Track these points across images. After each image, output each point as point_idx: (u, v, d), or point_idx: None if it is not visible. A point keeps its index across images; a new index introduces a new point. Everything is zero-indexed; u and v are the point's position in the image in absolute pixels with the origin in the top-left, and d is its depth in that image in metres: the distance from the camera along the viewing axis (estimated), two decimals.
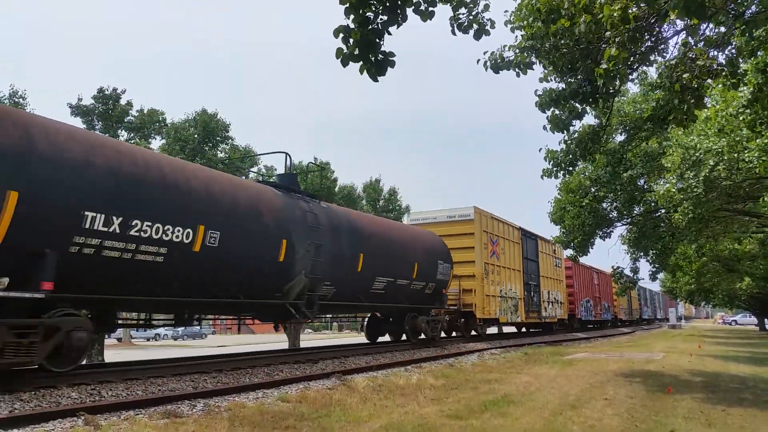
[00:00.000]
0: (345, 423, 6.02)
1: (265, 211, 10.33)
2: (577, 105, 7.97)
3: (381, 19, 4.31)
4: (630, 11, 6.05)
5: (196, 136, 21.04)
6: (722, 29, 7.13)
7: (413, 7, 4.48)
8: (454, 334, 20.02)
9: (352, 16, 4.26)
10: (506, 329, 24.97)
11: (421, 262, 15.38)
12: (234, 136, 23.80)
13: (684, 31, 7.17)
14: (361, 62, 4.38)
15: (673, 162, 13.33)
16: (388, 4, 4.20)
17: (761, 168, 10.41)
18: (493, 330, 22.96)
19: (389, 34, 4.35)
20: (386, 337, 17.35)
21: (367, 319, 17.04)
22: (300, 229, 11.09)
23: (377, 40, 4.32)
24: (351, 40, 4.31)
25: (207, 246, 8.91)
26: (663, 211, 17.35)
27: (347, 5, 4.19)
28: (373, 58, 4.35)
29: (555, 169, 9.46)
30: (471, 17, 6.01)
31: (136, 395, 7.11)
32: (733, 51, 7.48)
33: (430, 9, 4.60)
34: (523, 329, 27.54)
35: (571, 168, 9.41)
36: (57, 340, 7.17)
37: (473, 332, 19.62)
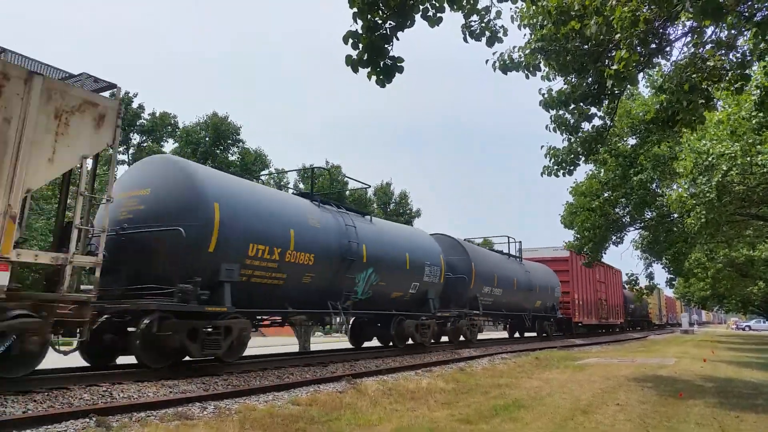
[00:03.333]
0: (355, 426, 6.02)
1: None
2: (585, 107, 7.94)
3: (389, 24, 4.34)
4: (640, 13, 6.03)
5: (207, 139, 21.18)
6: (732, 32, 7.09)
7: (421, 13, 4.50)
8: None
9: (360, 22, 4.29)
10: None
11: None
12: (245, 139, 24.02)
13: (690, 34, 7.13)
14: (369, 68, 4.42)
15: (685, 167, 13.21)
16: (396, 9, 4.22)
17: None
18: None
19: (397, 39, 4.38)
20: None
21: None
22: None
23: (385, 45, 4.35)
24: (360, 46, 4.34)
25: None
26: (676, 216, 17.20)
27: (356, 10, 4.23)
28: (381, 63, 4.37)
29: (556, 167, 9.18)
30: (483, 24, 6.01)
31: (147, 397, 7.16)
32: (747, 53, 7.41)
33: (438, 15, 4.61)
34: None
35: (572, 168, 9.13)
36: None
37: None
